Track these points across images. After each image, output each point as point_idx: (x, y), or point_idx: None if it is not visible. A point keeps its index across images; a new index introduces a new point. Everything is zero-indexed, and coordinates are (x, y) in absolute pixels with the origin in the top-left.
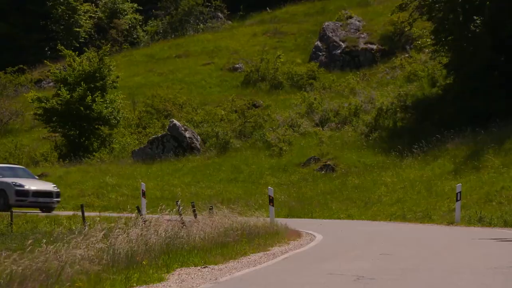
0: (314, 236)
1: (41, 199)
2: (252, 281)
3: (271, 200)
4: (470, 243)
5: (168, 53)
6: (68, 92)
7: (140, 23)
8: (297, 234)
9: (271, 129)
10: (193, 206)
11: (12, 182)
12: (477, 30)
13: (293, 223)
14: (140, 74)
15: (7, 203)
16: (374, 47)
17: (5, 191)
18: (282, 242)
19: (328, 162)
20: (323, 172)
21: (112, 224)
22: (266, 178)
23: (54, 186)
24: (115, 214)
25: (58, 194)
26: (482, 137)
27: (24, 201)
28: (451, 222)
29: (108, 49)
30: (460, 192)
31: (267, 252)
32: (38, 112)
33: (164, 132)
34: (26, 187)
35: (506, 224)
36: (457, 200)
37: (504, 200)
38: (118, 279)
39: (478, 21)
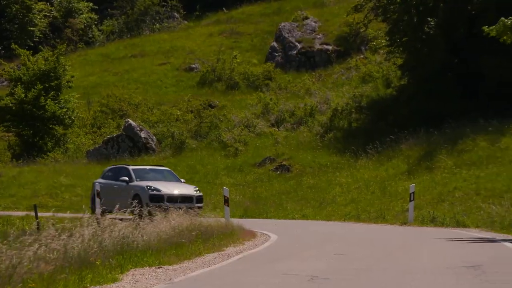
0: (269, 236)
1: (178, 205)
2: (206, 282)
3: (226, 201)
4: (423, 243)
5: (124, 52)
6: (23, 91)
7: (96, 22)
8: (252, 235)
9: (226, 129)
10: (148, 206)
11: (147, 186)
12: (431, 32)
13: (248, 223)
14: (95, 74)
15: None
16: (330, 48)
17: (140, 196)
18: (237, 242)
19: (284, 163)
20: (278, 172)
21: (66, 224)
22: (221, 178)
23: (196, 190)
24: (69, 215)
25: (199, 199)
26: (436, 138)
27: (159, 208)
28: (404, 222)
29: (64, 48)
30: (413, 192)
31: (222, 252)
32: None
33: (119, 132)
34: (162, 192)
35: (458, 224)
36: (410, 201)
37: (456, 201)
38: (72, 279)
39: (432, 23)
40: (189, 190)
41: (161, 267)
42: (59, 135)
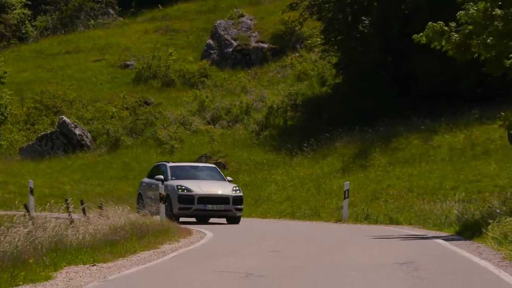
0: (204, 233)
1: (211, 206)
2: (141, 279)
3: (162, 198)
4: (357, 240)
5: (58, 49)
6: None
7: (29, 18)
8: (187, 232)
9: (162, 126)
10: (82, 204)
11: (178, 186)
12: (365, 31)
13: (184, 221)
14: (29, 70)
15: (171, 211)
16: (266, 46)
17: (170, 197)
18: (173, 240)
19: (219, 160)
20: None
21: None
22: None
23: (235, 190)
24: (1, 212)
25: (238, 200)
26: (370, 136)
27: (189, 210)
28: (339, 220)
29: None
30: (348, 190)
31: (157, 250)
32: None
33: (54, 129)
34: (193, 192)
35: (392, 222)
36: (344, 198)
37: (389, 198)
38: (4, 278)
39: (366, 22)
40: (226, 189)
41: (95, 265)
42: None
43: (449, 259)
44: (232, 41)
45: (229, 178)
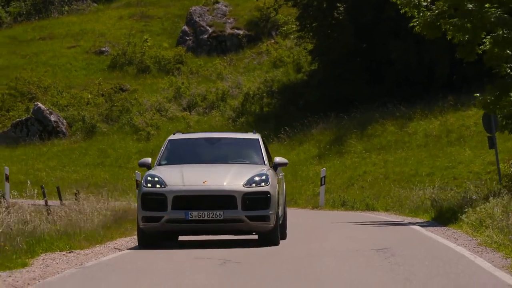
0: None
1: (196, 214)
2: (118, 266)
3: (139, 185)
4: (333, 227)
5: (32, 35)
6: None
7: (2, 3)
8: None
9: (138, 113)
10: (58, 191)
11: (148, 176)
12: (340, 17)
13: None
14: (3, 56)
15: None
16: (241, 32)
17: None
18: None
19: None
20: None
21: None
22: (133, 162)
23: (256, 181)
24: None
25: (255, 200)
26: (345, 122)
27: (157, 221)
28: (315, 206)
29: None
30: (324, 176)
31: (135, 237)
32: None
33: (29, 116)
34: (167, 187)
35: (368, 208)
36: (321, 185)
37: (365, 184)
38: None
39: (341, 8)
40: (236, 180)
41: (72, 252)
42: None
43: (425, 245)
44: (208, 28)
45: (280, 159)
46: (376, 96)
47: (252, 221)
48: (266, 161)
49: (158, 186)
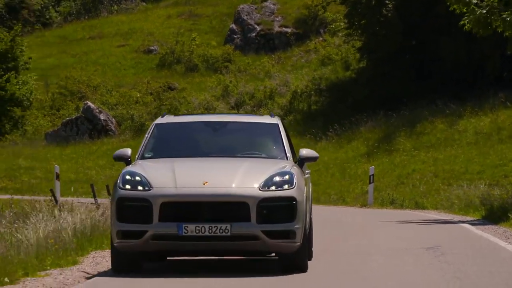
0: None
1: (194, 229)
2: (174, 261)
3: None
4: (382, 225)
5: (82, 34)
6: None
7: (53, 3)
8: None
9: (186, 111)
10: (92, 189)
11: (125, 174)
12: (389, 15)
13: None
14: (53, 56)
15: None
16: (289, 30)
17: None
18: None
19: None
20: None
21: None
22: None
23: (275, 182)
24: (28, 197)
25: (274, 208)
26: (394, 120)
27: (139, 237)
28: (364, 205)
29: (20, 29)
30: (373, 174)
31: None
32: None
33: (78, 114)
34: (152, 189)
35: (417, 206)
36: (370, 183)
37: (415, 183)
38: (31, 262)
39: (390, 6)
40: (248, 181)
41: None
42: (17, 117)
43: (475, 244)
44: (256, 26)
45: (307, 152)
46: (425, 94)
47: (271, 239)
48: (289, 155)
49: (140, 188)
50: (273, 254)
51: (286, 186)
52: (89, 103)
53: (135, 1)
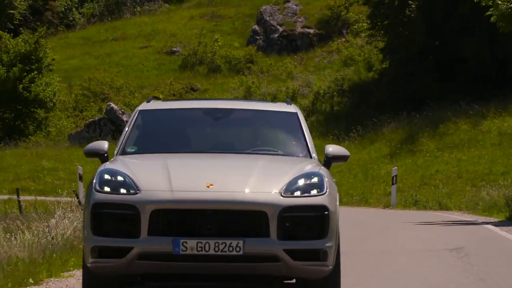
0: None
1: (196, 246)
2: None
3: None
4: (405, 226)
5: (105, 36)
6: (5, 70)
7: (76, 5)
8: None
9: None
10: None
11: (102, 172)
12: (412, 15)
13: None
14: (77, 57)
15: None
16: (311, 31)
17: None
18: None
19: None
20: None
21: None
22: None
23: (301, 186)
24: (51, 198)
25: (299, 219)
26: (417, 121)
27: (120, 257)
28: (387, 206)
29: (44, 31)
30: (396, 175)
31: None
32: None
33: (101, 116)
34: (138, 194)
35: (441, 207)
36: (393, 184)
37: (438, 184)
38: (55, 263)
39: (413, 6)
40: (261, 184)
41: None
42: (41, 119)
43: (500, 245)
44: (278, 27)
45: (336, 150)
46: (448, 94)
47: (295, 260)
48: (313, 152)
49: (123, 191)
50: (293, 280)
51: (314, 192)
52: (112, 105)
53: (158, 2)
